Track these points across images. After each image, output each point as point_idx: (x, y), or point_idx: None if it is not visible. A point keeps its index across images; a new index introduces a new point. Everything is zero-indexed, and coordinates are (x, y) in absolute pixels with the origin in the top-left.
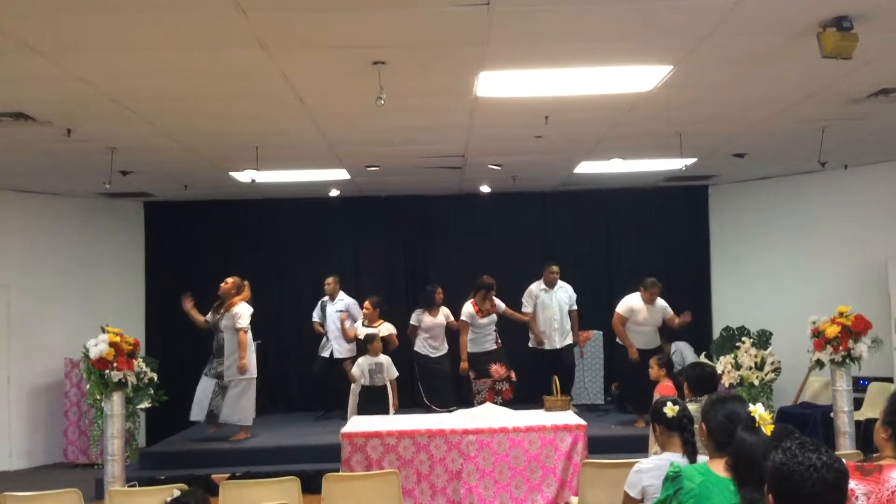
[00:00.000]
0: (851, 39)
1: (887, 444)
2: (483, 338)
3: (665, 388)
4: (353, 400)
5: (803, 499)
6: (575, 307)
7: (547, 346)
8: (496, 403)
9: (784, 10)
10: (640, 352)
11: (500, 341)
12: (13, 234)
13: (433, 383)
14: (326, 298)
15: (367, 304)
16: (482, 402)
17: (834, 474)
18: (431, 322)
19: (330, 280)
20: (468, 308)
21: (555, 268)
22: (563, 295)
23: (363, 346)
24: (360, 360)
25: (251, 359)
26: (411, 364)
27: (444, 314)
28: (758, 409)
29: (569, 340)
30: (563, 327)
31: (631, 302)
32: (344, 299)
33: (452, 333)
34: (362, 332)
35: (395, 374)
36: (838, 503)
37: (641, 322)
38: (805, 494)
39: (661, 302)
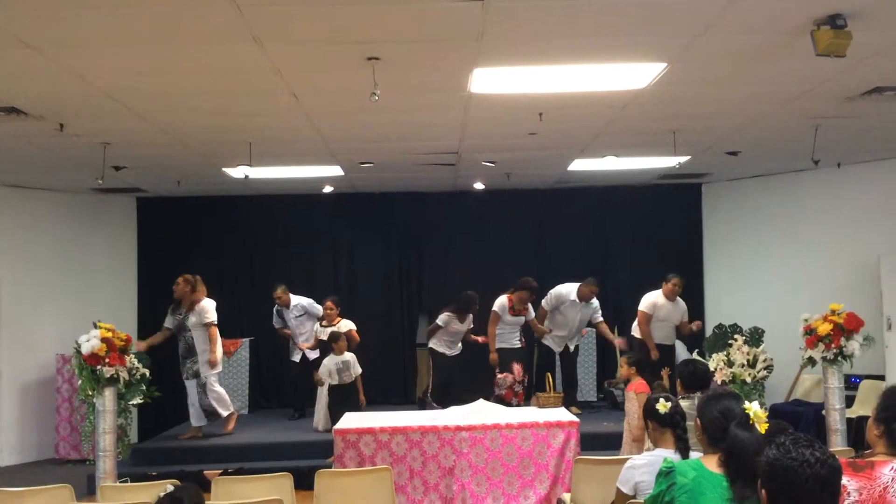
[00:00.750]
0: (845, 37)
1: (879, 440)
2: (509, 334)
3: (637, 385)
4: (321, 401)
5: (797, 494)
6: (601, 319)
7: (554, 348)
8: (512, 405)
9: (778, 8)
10: (657, 347)
11: (524, 341)
12: (5, 229)
13: (443, 380)
14: (279, 306)
15: (328, 304)
16: (499, 398)
17: (828, 470)
18: (458, 328)
19: (279, 292)
20: (503, 300)
21: (595, 288)
22: (588, 311)
23: (326, 346)
24: (326, 360)
25: (217, 352)
26: (413, 359)
27: (469, 322)
28: (753, 407)
29: (576, 341)
30: (574, 338)
31: (653, 298)
32: (299, 303)
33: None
34: (323, 332)
35: (359, 370)
36: (832, 498)
37: (662, 318)
38: (798, 490)
39: (682, 302)
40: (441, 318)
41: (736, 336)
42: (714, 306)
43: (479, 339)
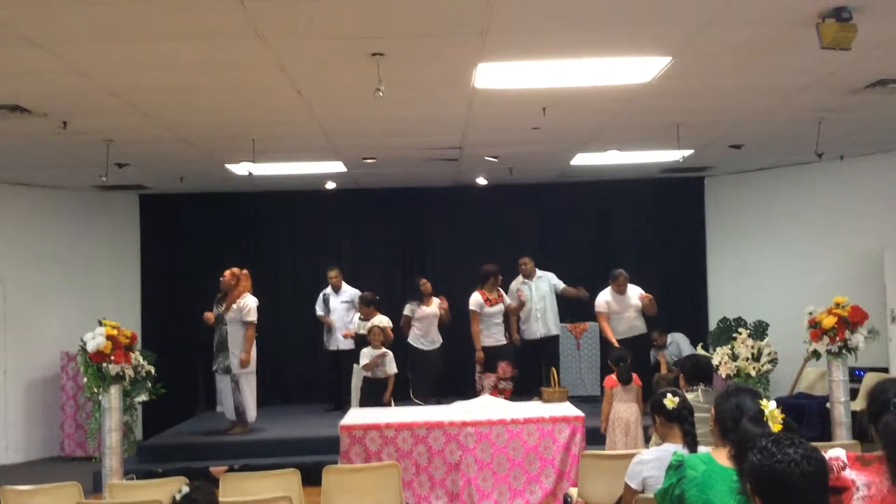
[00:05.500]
0: (850, 30)
1: (877, 436)
2: (492, 327)
3: (606, 379)
4: (354, 393)
5: (789, 494)
6: (562, 284)
7: (529, 337)
8: None
9: (783, 1)
10: (625, 339)
11: (508, 335)
12: (8, 227)
13: (419, 377)
14: (329, 291)
15: (357, 301)
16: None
17: (814, 465)
18: (423, 312)
19: (333, 273)
20: (476, 297)
21: (525, 259)
22: (544, 284)
23: (361, 340)
24: (364, 350)
25: (253, 353)
26: (405, 356)
27: (436, 304)
28: (769, 406)
29: (554, 332)
30: (546, 317)
31: (605, 297)
32: (348, 290)
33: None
34: (361, 326)
35: (394, 370)
36: (823, 491)
37: (617, 311)
38: (790, 490)
39: (634, 289)
40: (407, 308)
41: (740, 329)
42: (718, 300)
43: (446, 316)
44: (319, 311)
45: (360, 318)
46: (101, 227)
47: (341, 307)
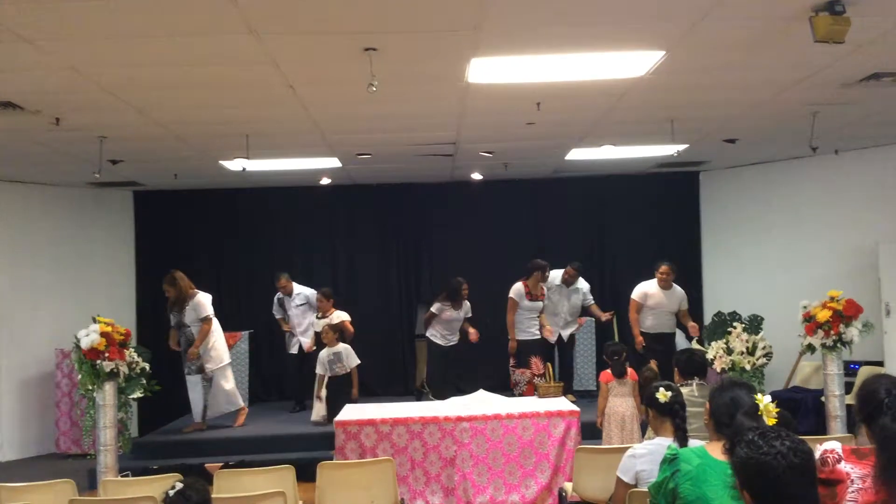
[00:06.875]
0: (844, 23)
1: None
2: (526, 321)
3: (601, 375)
4: (318, 391)
5: (776, 487)
6: (592, 301)
7: (547, 338)
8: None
9: None
10: (651, 335)
11: (541, 331)
12: (2, 224)
13: (437, 370)
14: (281, 295)
15: (318, 296)
16: (521, 395)
17: (801, 457)
18: (452, 315)
19: (282, 281)
20: (519, 287)
21: (571, 270)
22: (577, 298)
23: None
24: (321, 352)
25: (219, 346)
26: (412, 350)
27: (465, 309)
28: (764, 400)
29: (571, 330)
30: (567, 325)
31: (645, 287)
32: (301, 292)
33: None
34: (318, 324)
35: (356, 362)
36: (811, 485)
37: (653, 306)
38: (777, 482)
39: (680, 290)
40: (434, 306)
41: (735, 324)
42: (713, 294)
43: (471, 332)
44: (277, 314)
45: (318, 317)
46: (95, 223)
47: (297, 311)
